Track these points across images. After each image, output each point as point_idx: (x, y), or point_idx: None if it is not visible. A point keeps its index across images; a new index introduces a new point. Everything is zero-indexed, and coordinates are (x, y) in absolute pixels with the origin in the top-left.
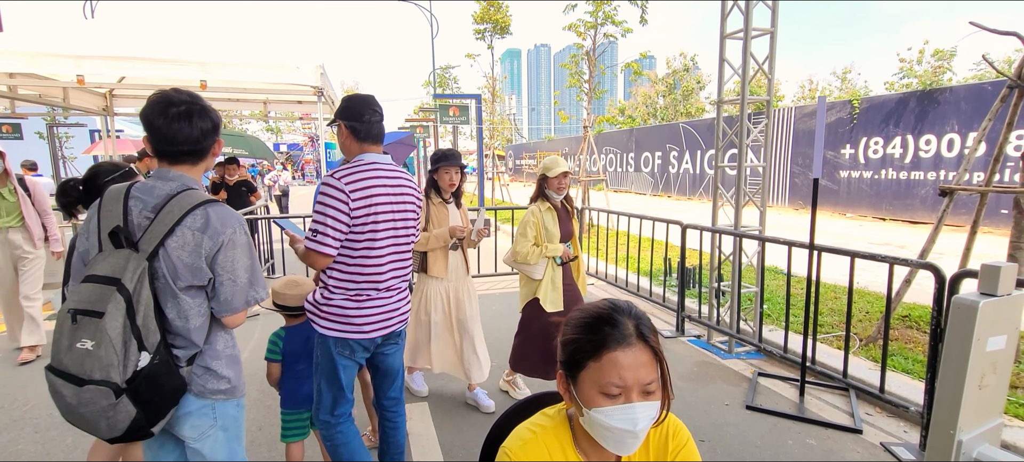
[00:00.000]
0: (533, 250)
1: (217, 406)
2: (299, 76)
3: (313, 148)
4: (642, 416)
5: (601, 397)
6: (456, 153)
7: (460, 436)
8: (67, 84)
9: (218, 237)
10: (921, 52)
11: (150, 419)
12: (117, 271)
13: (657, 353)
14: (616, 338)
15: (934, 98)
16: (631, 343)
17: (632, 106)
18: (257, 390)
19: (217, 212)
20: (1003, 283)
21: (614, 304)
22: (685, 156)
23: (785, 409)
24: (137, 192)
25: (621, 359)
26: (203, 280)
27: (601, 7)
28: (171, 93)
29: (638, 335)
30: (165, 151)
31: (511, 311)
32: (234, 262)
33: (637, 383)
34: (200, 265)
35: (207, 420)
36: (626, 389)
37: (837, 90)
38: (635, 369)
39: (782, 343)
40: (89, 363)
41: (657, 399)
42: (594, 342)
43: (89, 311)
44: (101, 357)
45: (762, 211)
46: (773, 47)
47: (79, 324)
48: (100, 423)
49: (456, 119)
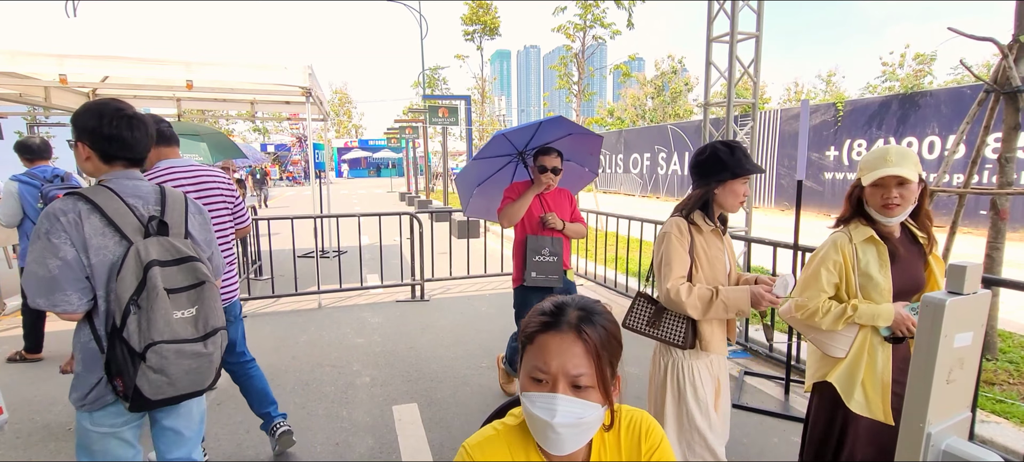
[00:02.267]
0: (831, 309)
1: None
2: (287, 76)
3: (301, 148)
4: (563, 409)
5: (529, 381)
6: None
7: (450, 436)
8: (49, 83)
9: (208, 219)
10: (903, 56)
11: (218, 375)
12: (176, 251)
13: (593, 350)
14: (552, 324)
15: (915, 101)
16: (563, 330)
17: (621, 108)
18: None
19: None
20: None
21: (571, 300)
22: (673, 158)
23: (771, 407)
24: (127, 193)
25: (548, 343)
26: (211, 252)
27: (590, 9)
28: (116, 103)
29: (574, 325)
30: (124, 156)
31: (499, 312)
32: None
33: (562, 372)
34: (211, 239)
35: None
36: (551, 376)
37: (822, 93)
38: (561, 356)
39: (767, 343)
40: (210, 317)
41: (591, 400)
42: (536, 324)
43: (180, 288)
44: (215, 309)
45: (748, 212)
46: (758, 50)
47: (173, 299)
48: (212, 370)
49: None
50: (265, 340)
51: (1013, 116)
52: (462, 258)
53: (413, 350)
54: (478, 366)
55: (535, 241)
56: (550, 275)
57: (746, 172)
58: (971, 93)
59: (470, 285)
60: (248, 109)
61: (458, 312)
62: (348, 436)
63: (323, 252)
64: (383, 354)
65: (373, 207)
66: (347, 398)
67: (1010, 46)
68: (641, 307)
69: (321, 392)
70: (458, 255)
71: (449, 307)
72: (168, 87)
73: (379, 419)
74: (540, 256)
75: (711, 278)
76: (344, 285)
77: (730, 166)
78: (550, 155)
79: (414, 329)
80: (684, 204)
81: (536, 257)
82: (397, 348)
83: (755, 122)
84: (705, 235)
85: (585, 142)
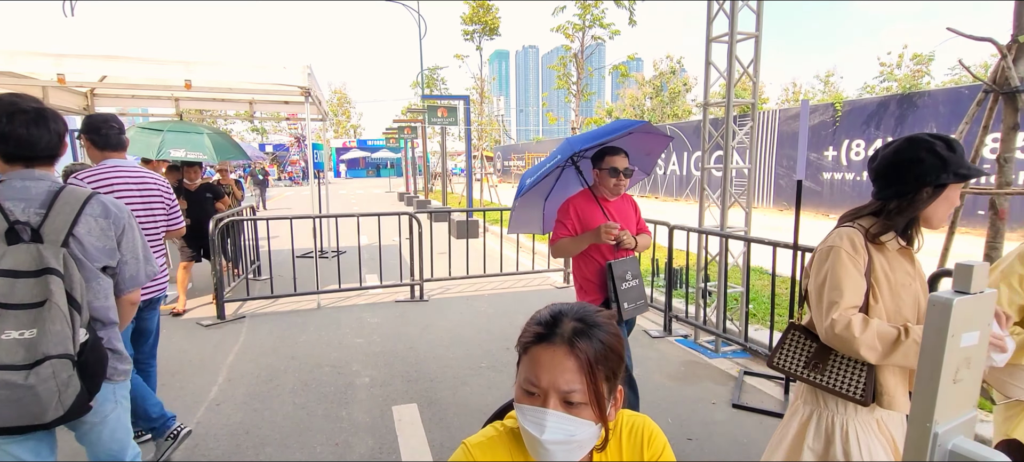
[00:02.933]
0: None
1: (117, 387)
2: (286, 76)
3: (299, 149)
4: (552, 426)
5: (522, 393)
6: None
7: (450, 437)
8: (47, 83)
9: (119, 222)
10: (900, 56)
11: (91, 392)
12: (31, 262)
13: (585, 366)
14: (545, 337)
15: (913, 102)
16: (556, 344)
17: (619, 108)
18: (244, 392)
19: (110, 200)
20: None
21: (562, 307)
22: (672, 158)
23: (771, 407)
24: (9, 195)
25: (540, 357)
26: (115, 260)
27: (589, 9)
28: (13, 98)
29: (567, 339)
30: (22, 155)
31: (499, 312)
32: (134, 242)
33: (553, 387)
34: (112, 247)
35: (110, 403)
36: (542, 391)
37: (820, 93)
38: (552, 371)
39: (767, 342)
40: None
41: (583, 417)
42: (528, 335)
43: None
44: (56, 332)
45: (747, 212)
46: (758, 50)
47: (5, 316)
48: (52, 402)
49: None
50: (264, 340)
51: (1012, 116)
52: (461, 258)
53: (413, 350)
54: (477, 366)
55: (620, 267)
56: (638, 301)
57: (972, 174)
58: (969, 93)
59: (469, 285)
60: (247, 109)
61: (457, 312)
62: (348, 436)
63: (322, 252)
64: (382, 354)
65: (372, 207)
66: (347, 398)
67: (1009, 46)
68: (796, 343)
69: (321, 392)
70: (457, 255)
71: (448, 307)
72: (166, 87)
73: (379, 419)
74: (626, 282)
75: (894, 312)
76: (343, 285)
77: (951, 165)
78: (618, 155)
79: (413, 329)
80: (860, 211)
81: (623, 285)
82: (396, 348)
83: (754, 122)
84: (888, 255)
85: (648, 141)
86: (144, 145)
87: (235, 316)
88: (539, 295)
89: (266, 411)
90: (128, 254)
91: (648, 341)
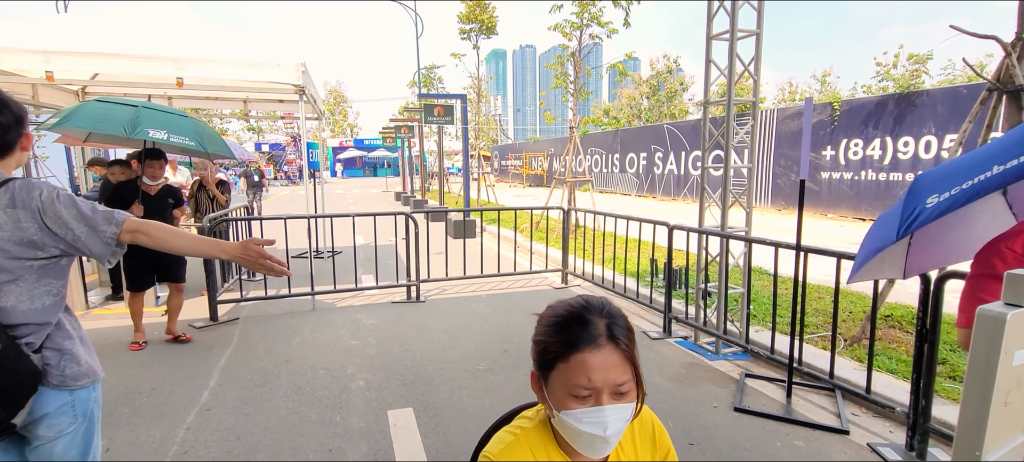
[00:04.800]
0: None
1: (77, 398)
2: (280, 74)
3: (295, 148)
4: (613, 419)
5: (570, 399)
6: None
7: (446, 442)
8: (36, 81)
9: (30, 203)
10: (896, 56)
11: (9, 409)
12: None
13: (628, 354)
14: (585, 338)
15: (912, 101)
16: (601, 344)
17: (616, 107)
18: (235, 397)
19: (19, 184)
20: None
21: (586, 302)
22: (670, 157)
23: (772, 410)
24: None
25: (590, 360)
26: (52, 250)
27: (586, 8)
28: None
29: (608, 336)
30: None
31: (496, 313)
32: (63, 219)
33: (607, 385)
34: (33, 238)
35: (66, 418)
36: (595, 391)
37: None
38: (605, 371)
39: (768, 344)
40: None
41: (631, 400)
42: (563, 342)
43: None
44: None
45: (748, 212)
46: (759, 48)
47: None
48: None
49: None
50: (258, 342)
51: (1016, 115)
52: (458, 258)
53: (408, 353)
54: (474, 369)
55: None
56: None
57: None
58: (967, 93)
59: (466, 286)
60: (241, 107)
61: (454, 313)
62: (342, 442)
63: (317, 252)
64: (378, 356)
65: (368, 207)
66: (341, 402)
67: (1013, 44)
68: None
69: (314, 396)
70: (454, 255)
71: (445, 308)
72: (158, 84)
73: (374, 424)
74: None
75: None
76: (338, 286)
77: None
78: None
79: (410, 331)
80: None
81: None
82: (392, 351)
83: (755, 120)
84: None
85: None
86: (110, 120)
87: (228, 318)
88: (537, 295)
89: (258, 416)
90: (67, 233)
91: (648, 342)
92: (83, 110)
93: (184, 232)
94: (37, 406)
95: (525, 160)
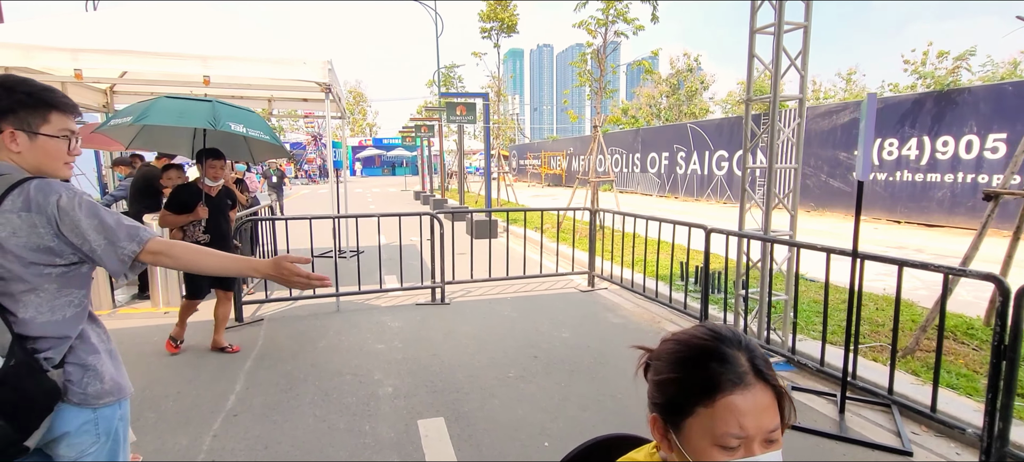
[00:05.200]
0: None
1: (100, 416)
2: (306, 72)
3: (316, 147)
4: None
5: (715, 449)
6: None
7: (480, 454)
8: (65, 79)
9: (46, 208)
10: (925, 53)
11: (21, 431)
12: None
13: (778, 391)
14: (730, 378)
15: (952, 99)
16: (749, 383)
17: (635, 106)
18: (262, 403)
19: (35, 185)
20: None
21: (716, 332)
22: (693, 157)
23: (824, 427)
24: None
25: (739, 404)
26: (70, 257)
27: (612, 4)
28: None
29: (755, 372)
30: None
31: (522, 316)
32: (81, 228)
33: (760, 431)
34: (50, 244)
35: (88, 437)
36: (747, 440)
37: (842, 91)
38: (757, 415)
39: (815, 355)
40: None
41: (780, 447)
42: (702, 384)
43: None
44: None
45: (793, 214)
46: (806, 42)
47: None
48: None
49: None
50: (283, 345)
51: None
52: (481, 259)
53: (436, 358)
54: (505, 377)
55: None
56: None
57: None
58: (1013, 90)
59: (491, 288)
60: (265, 106)
61: (481, 316)
62: (372, 453)
63: (341, 252)
64: (405, 361)
65: (388, 206)
66: (369, 410)
67: None
68: None
69: (342, 404)
70: (478, 256)
71: (471, 311)
72: (186, 82)
73: (404, 435)
74: None
75: None
76: (363, 287)
77: None
78: None
79: (436, 335)
80: None
81: None
82: (419, 355)
83: (802, 119)
84: None
85: None
86: (192, 114)
87: (253, 319)
88: (564, 298)
89: (286, 423)
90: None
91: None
92: (161, 106)
93: (211, 251)
94: (57, 424)
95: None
